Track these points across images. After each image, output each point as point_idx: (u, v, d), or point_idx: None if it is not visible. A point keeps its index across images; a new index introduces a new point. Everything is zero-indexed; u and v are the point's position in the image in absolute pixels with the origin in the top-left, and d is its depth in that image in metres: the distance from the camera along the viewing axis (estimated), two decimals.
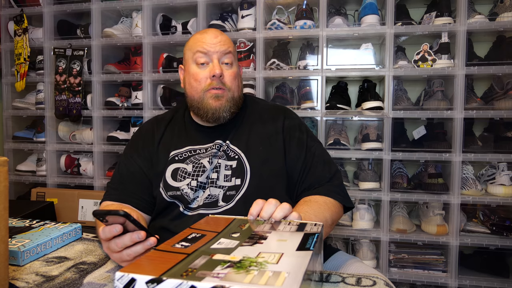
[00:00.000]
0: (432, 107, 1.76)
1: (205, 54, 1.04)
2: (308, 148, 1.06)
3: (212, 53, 1.03)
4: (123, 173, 1.07)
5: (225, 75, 1.04)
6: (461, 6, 1.70)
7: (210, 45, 1.04)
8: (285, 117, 1.11)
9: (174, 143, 1.08)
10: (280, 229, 0.70)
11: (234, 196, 0.99)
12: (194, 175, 1.01)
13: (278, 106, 1.17)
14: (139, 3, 2.03)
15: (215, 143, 1.06)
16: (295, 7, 1.98)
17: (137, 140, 1.13)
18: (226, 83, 1.04)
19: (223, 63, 1.05)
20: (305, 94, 1.94)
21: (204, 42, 1.04)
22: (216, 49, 1.04)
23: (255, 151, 1.04)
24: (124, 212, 0.65)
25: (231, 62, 1.06)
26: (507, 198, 1.69)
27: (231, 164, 1.02)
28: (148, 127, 1.15)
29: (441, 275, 1.75)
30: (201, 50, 1.04)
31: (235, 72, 1.06)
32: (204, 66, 1.05)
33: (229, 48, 1.05)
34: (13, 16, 2.20)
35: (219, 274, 0.49)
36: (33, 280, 0.72)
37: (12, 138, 2.28)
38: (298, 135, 1.08)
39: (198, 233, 0.67)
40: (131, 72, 2.08)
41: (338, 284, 0.70)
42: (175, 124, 1.13)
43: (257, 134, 1.07)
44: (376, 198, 1.81)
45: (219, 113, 1.03)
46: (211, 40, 1.04)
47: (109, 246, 0.71)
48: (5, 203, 0.61)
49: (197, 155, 1.05)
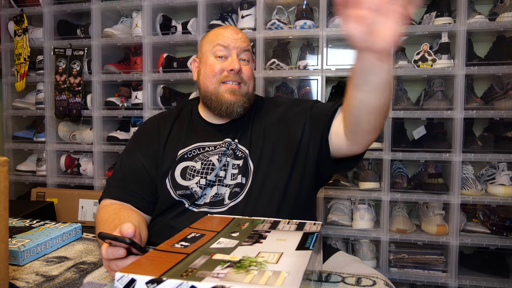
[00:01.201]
0: (432, 107, 1.76)
1: (225, 48, 1.06)
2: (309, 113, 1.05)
3: (232, 48, 1.05)
4: (125, 171, 1.05)
5: (243, 70, 1.06)
6: (461, 6, 1.70)
7: (231, 39, 1.06)
8: (286, 110, 1.10)
9: (181, 141, 1.07)
10: (280, 228, 0.70)
11: (239, 194, 0.99)
12: (203, 173, 1.01)
13: (276, 101, 1.17)
14: (139, 3, 2.03)
15: (224, 141, 1.05)
16: (295, 7, 1.98)
17: (141, 137, 1.11)
18: (243, 78, 1.06)
19: (241, 59, 1.07)
20: (305, 94, 1.94)
21: (225, 36, 1.06)
22: (236, 44, 1.06)
23: (258, 151, 1.04)
24: (130, 240, 0.64)
25: (248, 59, 1.09)
26: (507, 198, 1.69)
27: (238, 163, 1.02)
28: (153, 124, 1.13)
29: (441, 275, 1.75)
30: (221, 44, 1.05)
31: (251, 69, 1.09)
32: (222, 59, 1.06)
33: (248, 46, 1.09)
34: (13, 16, 2.20)
35: (219, 274, 0.49)
36: (33, 280, 0.72)
37: (12, 138, 2.28)
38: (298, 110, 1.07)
39: (197, 233, 0.67)
40: (131, 72, 2.08)
41: (338, 284, 0.70)
42: (183, 121, 1.12)
43: (260, 131, 1.07)
44: (376, 198, 1.81)
45: (233, 107, 1.04)
46: (232, 36, 1.06)
47: (109, 264, 0.70)
48: (5, 203, 0.61)
49: (205, 153, 1.04)
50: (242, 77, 1.06)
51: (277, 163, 1.02)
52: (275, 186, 1.00)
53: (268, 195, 1.00)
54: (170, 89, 2.14)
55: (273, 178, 1.01)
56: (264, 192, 1.00)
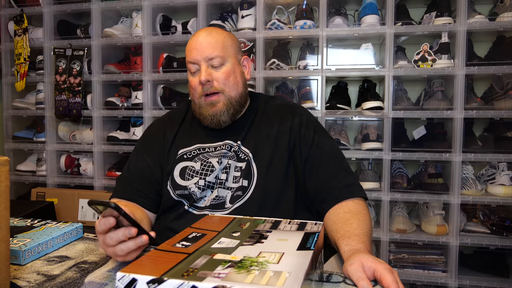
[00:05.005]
0: (432, 107, 1.76)
1: (193, 64, 1.05)
2: (315, 145, 1.05)
3: (200, 61, 1.04)
4: (132, 171, 1.09)
5: (214, 78, 1.04)
6: (461, 6, 1.70)
7: (196, 52, 1.04)
8: (293, 116, 1.10)
9: (183, 142, 1.09)
10: (281, 228, 0.70)
11: (241, 198, 0.99)
12: (202, 174, 1.02)
13: (287, 105, 1.16)
14: (139, 3, 2.03)
15: (224, 143, 1.06)
16: (295, 7, 1.98)
17: (149, 137, 1.15)
18: (218, 86, 1.04)
19: (212, 66, 1.05)
20: (305, 94, 1.94)
21: (191, 51, 1.05)
22: (202, 55, 1.04)
23: (262, 153, 1.04)
24: (115, 204, 0.66)
25: (221, 63, 1.05)
26: (507, 198, 1.70)
27: (241, 165, 1.02)
28: (160, 125, 1.16)
29: (441, 275, 1.75)
30: (190, 61, 1.06)
31: (225, 71, 1.05)
32: (196, 73, 1.06)
33: (214, 51, 1.04)
34: (13, 16, 2.20)
35: (220, 274, 0.49)
36: (34, 279, 0.72)
37: (12, 138, 2.28)
38: (305, 132, 1.07)
39: (198, 233, 0.67)
40: (131, 72, 2.08)
41: (339, 284, 0.70)
42: (187, 122, 1.15)
43: (265, 136, 1.07)
44: (376, 198, 1.81)
45: (218, 118, 1.05)
46: (197, 46, 1.04)
47: (104, 239, 0.71)
48: (6, 202, 0.61)
49: (205, 153, 1.05)
50: (216, 86, 1.04)
51: (280, 168, 1.02)
52: (278, 190, 1.01)
53: (271, 199, 1.00)
54: (170, 89, 2.14)
55: (276, 182, 1.01)
56: (267, 196, 0.99)
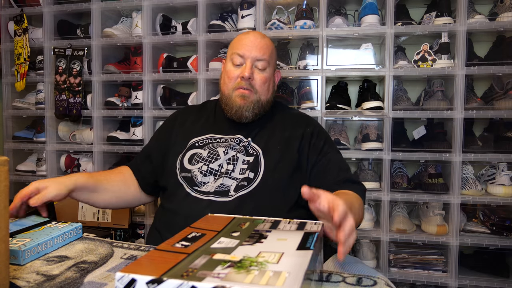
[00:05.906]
0: (432, 107, 1.76)
1: (241, 57, 1.13)
2: (323, 153, 1.11)
3: (247, 57, 1.12)
4: (144, 150, 1.27)
5: (255, 78, 1.12)
6: (461, 6, 1.70)
7: (247, 48, 1.12)
8: (307, 125, 1.17)
9: (196, 130, 1.17)
10: (280, 228, 0.70)
11: (245, 188, 1.04)
12: (207, 160, 1.09)
13: (302, 115, 1.25)
14: (139, 3, 2.03)
15: (235, 137, 1.13)
16: (295, 7, 1.98)
17: (163, 125, 1.29)
18: (254, 86, 1.12)
19: (256, 67, 1.13)
20: (305, 94, 1.94)
21: (242, 45, 1.13)
22: (252, 54, 1.12)
23: (272, 151, 1.10)
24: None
25: (264, 68, 1.13)
26: (507, 198, 1.69)
27: (249, 159, 1.08)
28: (176, 113, 1.29)
29: (441, 275, 1.75)
30: (238, 52, 1.13)
31: (265, 77, 1.13)
32: (239, 67, 1.13)
33: (264, 55, 1.13)
34: (13, 16, 2.20)
35: (219, 274, 0.49)
36: (33, 279, 0.72)
37: (12, 138, 2.28)
38: (315, 141, 1.13)
39: (198, 232, 0.67)
40: (131, 72, 2.08)
41: (338, 284, 0.70)
42: (204, 111, 1.23)
43: (277, 137, 1.13)
44: (376, 198, 1.81)
45: (242, 111, 1.12)
46: (250, 44, 1.13)
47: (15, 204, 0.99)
48: (5, 202, 0.61)
49: (215, 143, 1.13)
50: (253, 85, 1.12)
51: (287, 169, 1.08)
52: (282, 187, 1.05)
53: (273, 194, 1.05)
54: (170, 89, 2.14)
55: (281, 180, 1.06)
56: (270, 190, 1.04)
